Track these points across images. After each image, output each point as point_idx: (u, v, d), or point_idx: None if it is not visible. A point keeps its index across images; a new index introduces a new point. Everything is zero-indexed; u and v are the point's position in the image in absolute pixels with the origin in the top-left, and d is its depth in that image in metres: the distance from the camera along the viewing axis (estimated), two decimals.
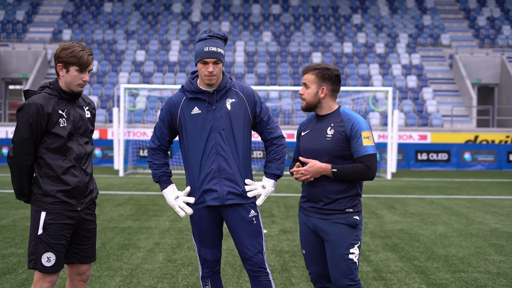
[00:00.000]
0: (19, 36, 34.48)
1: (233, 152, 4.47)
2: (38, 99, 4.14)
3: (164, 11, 36.80)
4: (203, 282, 4.61)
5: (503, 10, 36.95)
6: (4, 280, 6.46)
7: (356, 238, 4.27)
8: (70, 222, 4.22)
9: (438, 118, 28.82)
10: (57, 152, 4.16)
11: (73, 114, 4.23)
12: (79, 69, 4.15)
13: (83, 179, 4.24)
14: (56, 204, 4.16)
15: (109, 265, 7.18)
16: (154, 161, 4.59)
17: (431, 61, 33.53)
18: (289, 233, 9.34)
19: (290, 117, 28.81)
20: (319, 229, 4.32)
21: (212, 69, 4.37)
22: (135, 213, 11.28)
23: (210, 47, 4.37)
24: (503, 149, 25.11)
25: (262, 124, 4.60)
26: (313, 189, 4.32)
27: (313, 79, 4.32)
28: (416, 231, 9.66)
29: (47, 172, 4.16)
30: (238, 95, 4.53)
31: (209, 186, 4.45)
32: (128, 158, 22.11)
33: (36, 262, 4.19)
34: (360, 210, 4.32)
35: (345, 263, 4.23)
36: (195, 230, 4.56)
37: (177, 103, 4.51)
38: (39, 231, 4.16)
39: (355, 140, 4.23)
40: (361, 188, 4.39)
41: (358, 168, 4.20)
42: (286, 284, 6.49)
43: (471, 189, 16.77)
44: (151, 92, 28.94)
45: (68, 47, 4.15)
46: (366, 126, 4.27)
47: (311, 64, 4.39)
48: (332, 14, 36.83)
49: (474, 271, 7.15)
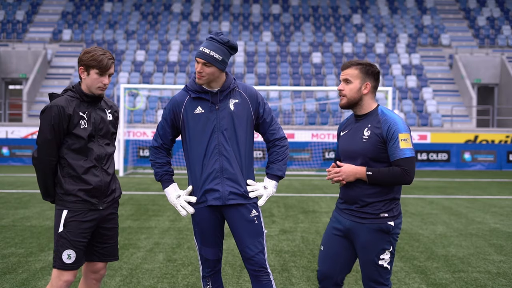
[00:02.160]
0: (19, 36, 34.48)
1: (235, 152, 4.48)
2: (60, 101, 4.25)
3: (164, 11, 36.81)
4: (203, 281, 4.62)
5: (503, 10, 36.96)
6: (4, 280, 6.46)
7: (388, 243, 4.17)
8: (91, 220, 4.30)
9: (438, 118, 28.83)
10: (78, 152, 4.26)
11: (94, 116, 4.32)
12: (99, 72, 4.25)
13: (104, 178, 4.33)
14: (77, 202, 4.26)
15: (109, 265, 7.17)
16: (156, 159, 4.61)
17: (431, 61, 33.54)
18: (289, 233, 9.35)
19: (290, 117, 28.82)
20: (351, 232, 4.24)
21: (200, 70, 4.39)
22: (135, 213, 11.29)
23: (204, 48, 4.39)
24: (503, 149, 25.11)
25: (265, 125, 4.61)
26: (349, 191, 4.24)
27: (357, 74, 4.19)
28: (416, 231, 9.67)
29: (69, 172, 4.26)
30: (242, 96, 4.54)
31: (211, 185, 4.45)
32: (128, 158, 22.11)
33: (56, 260, 4.28)
34: (397, 215, 4.20)
35: (374, 268, 4.18)
36: (197, 229, 4.56)
37: (181, 102, 4.52)
38: (60, 229, 4.27)
39: (392, 143, 4.10)
40: (400, 192, 4.27)
41: (394, 171, 4.07)
42: (286, 284, 6.49)
43: (471, 189, 16.78)
44: (151, 92, 28.95)
45: (90, 51, 4.26)
46: (404, 128, 4.13)
47: (352, 60, 4.28)
48: (332, 14, 36.83)
49: (474, 271, 7.15)
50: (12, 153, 24.38)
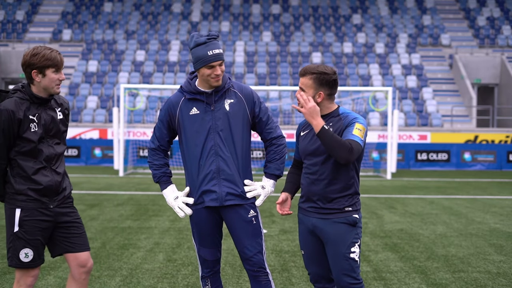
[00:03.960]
0: (19, 36, 34.48)
1: (232, 152, 4.47)
2: (10, 105, 4.20)
3: (164, 11, 36.80)
4: (203, 282, 4.62)
5: (503, 10, 36.95)
6: (4, 280, 6.46)
7: (356, 236, 4.26)
8: (45, 218, 4.31)
9: (438, 118, 28.82)
10: (27, 155, 4.26)
11: (45, 118, 4.29)
12: (55, 70, 4.23)
13: (54, 178, 4.32)
14: (28, 201, 4.27)
15: (109, 265, 7.18)
16: (154, 161, 4.61)
17: (431, 61, 33.53)
18: (289, 233, 9.34)
19: (290, 117, 28.80)
20: (318, 229, 4.30)
21: (220, 71, 4.38)
22: (135, 213, 11.28)
23: (214, 50, 4.36)
24: (503, 149, 25.11)
25: (261, 124, 4.59)
26: (312, 188, 4.30)
27: (310, 84, 4.24)
28: (416, 231, 9.67)
29: (19, 172, 4.27)
30: (237, 96, 4.52)
31: (208, 187, 4.45)
32: (128, 158, 22.10)
33: (13, 259, 4.29)
34: (359, 209, 4.31)
35: (346, 262, 4.22)
36: (195, 230, 4.56)
37: (176, 104, 4.51)
38: (15, 229, 4.26)
39: (348, 128, 4.19)
40: (359, 186, 4.37)
41: (344, 142, 4.10)
42: (286, 284, 6.49)
43: (471, 189, 16.77)
44: (151, 92, 28.94)
45: (38, 52, 4.20)
46: (363, 122, 4.24)
47: (308, 66, 4.28)
48: (332, 14, 36.83)
49: (474, 271, 7.15)
50: None
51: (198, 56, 4.36)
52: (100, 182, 17.13)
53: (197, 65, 4.39)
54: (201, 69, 4.39)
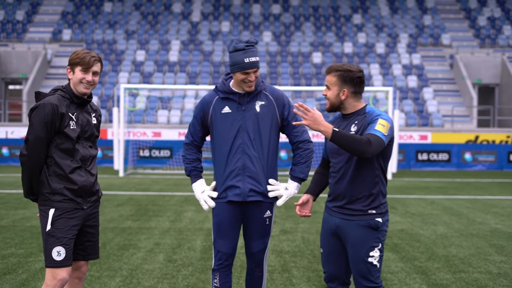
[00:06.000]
0: (19, 36, 34.47)
1: (258, 151, 4.70)
2: (53, 99, 4.34)
3: (164, 11, 36.79)
4: (212, 275, 4.80)
5: (503, 10, 36.94)
6: (4, 280, 6.45)
7: (377, 240, 4.23)
8: (77, 219, 4.36)
9: (439, 118, 28.81)
10: (65, 152, 4.34)
11: (82, 119, 4.43)
12: (82, 69, 4.36)
13: (88, 179, 4.42)
14: (64, 202, 4.32)
15: (109, 265, 7.17)
16: (187, 155, 4.88)
17: (432, 61, 33.52)
18: (289, 233, 9.33)
19: None
20: (340, 230, 4.30)
21: (254, 78, 4.63)
22: (135, 213, 11.27)
23: (250, 58, 4.59)
24: (503, 149, 25.09)
25: (289, 127, 4.79)
26: (336, 186, 4.31)
27: (335, 81, 4.28)
28: (416, 231, 9.65)
29: (55, 171, 4.32)
30: (268, 98, 4.75)
31: (232, 182, 4.68)
32: (128, 158, 22.10)
33: (47, 258, 4.30)
34: (384, 212, 4.26)
35: (364, 265, 4.22)
36: (214, 221, 4.77)
37: (209, 102, 4.77)
38: (47, 228, 4.31)
39: (371, 124, 4.16)
40: (385, 186, 4.31)
41: (360, 137, 4.05)
42: (286, 284, 6.48)
43: (472, 189, 16.76)
44: (151, 92, 28.93)
45: (76, 52, 4.43)
46: (387, 118, 4.20)
47: (334, 64, 4.34)
48: (332, 14, 36.82)
49: (475, 271, 7.14)
50: (12, 153, 24.36)
51: (235, 61, 4.61)
52: (100, 182, 17.07)
53: (233, 69, 4.64)
54: (236, 73, 4.65)
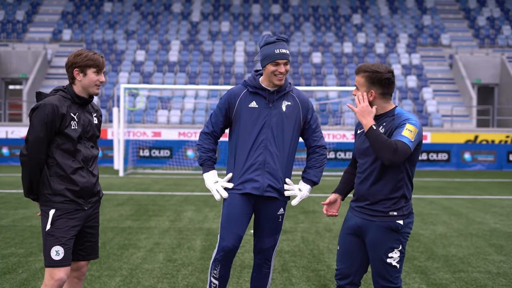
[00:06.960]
0: (19, 36, 34.47)
1: (279, 149, 4.80)
2: (54, 100, 4.34)
3: (164, 11, 36.79)
4: (212, 265, 4.84)
5: (503, 10, 36.95)
6: (4, 280, 6.46)
7: (397, 242, 4.23)
8: (77, 219, 4.37)
9: (438, 118, 28.82)
10: (67, 152, 4.35)
11: (83, 119, 4.43)
12: (96, 70, 4.38)
13: (90, 180, 4.44)
14: (65, 203, 4.33)
15: (109, 265, 7.18)
16: (204, 144, 4.91)
17: (431, 61, 33.54)
18: (289, 233, 9.34)
19: None
20: (361, 229, 4.31)
21: (284, 70, 4.71)
22: (135, 213, 11.28)
23: (281, 49, 4.70)
24: (503, 149, 25.11)
25: (310, 131, 4.92)
26: (360, 187, 4.33)
27: (363, 82, 4.26)
28: (416, 231, 9.66)
29: (57, 171, 4.33)
30: (294, 100, 4.87)
31: (251, 176, 4.77)
32: (128, 158, 22.11)
33: (46, 258, 4.31)
34: (407, 214, 4.24)
35: (382, 266, 4.24)
36: (224, 211, 4.82)
37: (237, 95, 4.84)
38: (47, 227, 4.32)
39: (398, 129, 4.14)
40: (410, 190, 4.30)
41: (389, 144, 4.05)
42: (286, 284, 6.49)
43: (471, 189, 16.77)
44: (151, 92, 28.93)
45: (82, 53, 4.40)
46: (416, 123, 4.17)
47: (363, 64, 4.32)
48: (332, 14, 36.83)
49: (474, 271, 7.15)
50: (12, 153, 24.37)
51: (266, 53, 4.73)
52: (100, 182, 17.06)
53: (264, 62, 4.74)
54: (267, 66, 4.73)
